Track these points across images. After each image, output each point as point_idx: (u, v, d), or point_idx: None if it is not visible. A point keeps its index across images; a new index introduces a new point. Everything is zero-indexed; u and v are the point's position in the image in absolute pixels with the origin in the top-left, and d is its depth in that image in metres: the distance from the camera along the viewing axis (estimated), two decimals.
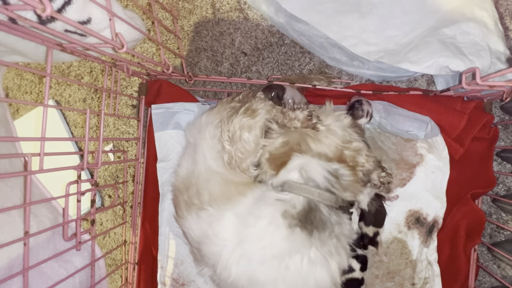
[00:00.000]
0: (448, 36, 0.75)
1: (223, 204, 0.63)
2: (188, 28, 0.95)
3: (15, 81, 1.05)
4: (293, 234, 0.58)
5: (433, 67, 0.73)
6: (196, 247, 0.68)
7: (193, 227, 0.66)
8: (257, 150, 0.65)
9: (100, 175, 1.00)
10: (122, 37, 0.56)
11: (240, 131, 0.64)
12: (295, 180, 0.62)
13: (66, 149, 0.97)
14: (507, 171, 0.83)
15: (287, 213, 0.60)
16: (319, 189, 0.61)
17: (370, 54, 0.80)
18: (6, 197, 0.71)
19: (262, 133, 0.66)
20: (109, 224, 1.00)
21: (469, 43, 0.73)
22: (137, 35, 0.75)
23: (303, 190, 0.61)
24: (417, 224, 0.81)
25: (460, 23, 0.75)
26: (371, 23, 0.81)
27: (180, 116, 0.85)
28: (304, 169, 0.62)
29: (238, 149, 0.64)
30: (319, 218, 0.60)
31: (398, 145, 0.82)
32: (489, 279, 0.84)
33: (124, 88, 0.99)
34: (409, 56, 0.76)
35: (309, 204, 0.61)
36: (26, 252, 0.60)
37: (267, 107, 0.67)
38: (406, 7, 0.81)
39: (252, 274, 0.59)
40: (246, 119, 0.64)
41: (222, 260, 0.59)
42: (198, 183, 0.66)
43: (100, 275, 0.82)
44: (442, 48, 0.73)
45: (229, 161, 0.65)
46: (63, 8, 0.57)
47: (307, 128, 0.64)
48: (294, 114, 0.65)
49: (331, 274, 0.59)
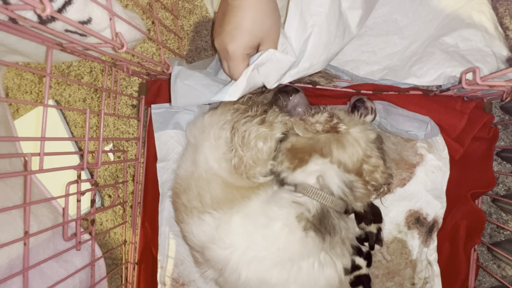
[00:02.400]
0: (450, 44, 0.75)
1: (228, 208, 0.62)
2: (188, 28, 0.95)
3: (15, 81, 1.05)
4: (307, 237, 0.59)
5: (441, 78, 0.73)
6: (198, 251, 0.67)
7: (194, 231, 0.65)
8: (269, 160, 0.65)
9: (100, 175, 1.00)
10: (122, 36, 0.56)
11: (255, 140, 0.63)
12: (311, 185, 0.62)
13: (66, 149, 0.97)
14: (507, 171, 0.83)
15: (302, 216, 0.60)
16: (333, 196, 0.62)
17: (374, 74, 0.80)
18: (6, 197, 0.71)
19: (276, 146, 0.65)
20: (109, 224, 1.00)
21: (473, 50, 0.73)
22: (138, 35, 0.75)
23: (319, 196, 0.61)
24: (417, 224, 0.81)
25: (460, 30, 0.74)
26: (369, 44, 0.82)
27: (180, 116, 0.85)
28: (322, 176, 0.63)
29: (251, 156, 0.63)
30: (331, 223, 0.61)
31: (398, 145, 0.82)
32: (489, 279, 0.84)
33: (124, 88, 0.99)
34: (414, 70, 0.76)
35: (322, 209, 0.61)
36: (26, 252, 0.60)
37: (284, 120, 0.67)
38: (401, 23, 0.81)
39: (264, 276, 0.58)
40: (263, 129, 0.64)
41: (231, 264, 0.59)
42: (198, 185, 0.66)
43: (100, 275, 0.82)
44: (447, 58, 0.73)
45: (238, 165, 0.64)
46: (63, 8, 0.57)
47: (329, 129, 0.63)
48: (314, 118, 0.64)
49: (338, 273, 0.60)
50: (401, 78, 0.77)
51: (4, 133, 0.80)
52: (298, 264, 0.58)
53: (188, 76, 0.68)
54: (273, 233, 0.59)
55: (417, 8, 0.81)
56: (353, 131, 0.65)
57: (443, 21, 0.79)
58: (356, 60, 0.82)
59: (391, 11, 0.82)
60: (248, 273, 0.58)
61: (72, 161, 0.95)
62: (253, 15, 0.52)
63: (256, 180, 0.65)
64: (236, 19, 0.53)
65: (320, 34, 0.61)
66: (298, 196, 0.62)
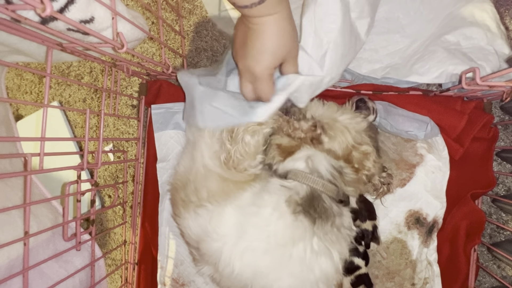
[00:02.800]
0: (452, 43, 0.75)
1: (223, 199, 0.63)
2: (188, 28, 0.95)
3: (15, 81, 1.05)
4: (297, 220, 0.59)
5: (442, 76, 0.73)
6: (194, 247, 0.68)
7: (191, 225, 0.65)
8: (256, 154, 0.65)
9: (100, 175, 1.00)
10: (123, 36, 0.56)
11: (243, 133, 0.64)
12: (301, 169, 0.63)
13: (68, 149, 0.97)
14: (507, 171, 0.83)
15: (291, 199, 0.60)
16: (323, 180, 0.62)
17: (376, 72, 0.80)
18: (6, 197, 0.71)
19: (264, 141, 0.66)
20: (109, 224, 1.00)
21: (475, 48, 0.73)
22: (140, 35, 0.75)
23: (308, 179, 0.62)
24: (417, 224, 0.81)
25: (462, 28, 0.74)
26: (371, 42, 0.82)
27: (180, 116, 0.85)
28: (311, 159, 0.63)
29: (238, 150, 0.64)
30: (321, 206, 0.61)
31: (398, 145, 0.82)
32: (489, 279, 0.84)
33: (124, 88, 0.99)
34: (415, 68, 0.76)
35: (312, 192, 0.62)
36: (26, 252, 0.60)
37: (274, 116, 0.67)
38: (403, 21, 0.81)
39: (256, 265, 0.59)
40: (251, 124, 0.65)
41: (224, 256, 0.59)
42: (196, 180, 0.66)
43: (100, 275, 0.82)
44: (449, 56, 0.73)
45: (226, 160, 0.65)
46: (66, 7, 0.57)
47: (311, 139, 0.64)
48: (298, 124, 0.65)
49: (334, 263, 0.60)
50: (403, 76, 0.77)
51: (5, 133, 0.80)
52: (289, 250, 0.58)
53: (213, 97, 0.67)
54: (263, 221, 0.60)
55: (419, 6, 0.81)
56: (342, 118, 0.66)
57: (445, 19, 0.78)
58: (358, 58, 0.81)
59: (392, 9, 0.82)
60: (241, 264, 0.59)
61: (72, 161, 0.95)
62: (275, 37, 0.53)
63: (247, 172, 0.65)
64: (259, 43, 0.54)
65: (336, 49, 0.62)
66: (288, 181, 0.63)
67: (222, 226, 0.61)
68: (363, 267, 0.75)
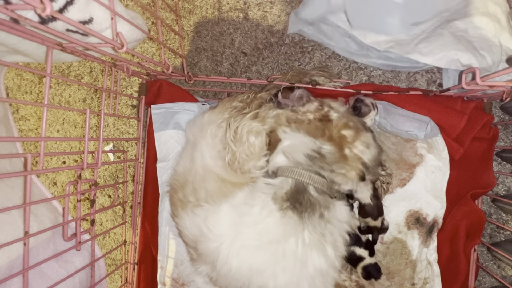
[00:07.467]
0: (460, 29, 0.74)
1: (219, 199, 0.63)
2: (188, 28, 0.95)
3: (15, 81, 1.05)
4: (285, 217, 0.59)
5: (443, 59, 0.72)
6: (192, 246, 0.68)
7: (188, 225, 0.66)
8: (261, 154, 0.66)
9: (100, 175, 1.00)
10: (123, 36, 0.56)
11: (247, 134, 0.64)
12: (285, 164, 0.63)
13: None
14: (507, 171, 0.83)
15: (277, 196, 0.60)
16: (309, 171, 0.61)
17: (380, 44, 0.78)
18: (6, 197, 0.71)
19: (267, 140, 0.66)
20: (109, 224, 1.00)
21: (481, 38, 0.73)
22: (139, 35, 0.75)
23: (294, 173, 0.61)
24: (417, 224, 0.81)
25: (473, 16, 0.74)
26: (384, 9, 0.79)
27: (180, 116, 0.85)
28: (288, 151, 0.63)
29: (243, 151, 0.64)
30: (307, 199, 0.60)
31: (398, 145, 0.82)
32: (489, 279, 0.84)
33: (124, 88, 0.99)
34: (420, 47, 0.75)
35: (297, 185, 0.61)
36: (26, 252, 0.60)
37: (277, 114, 0.67)
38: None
39: (252, 264, 0.59)
40: (255, 124, 0.65)
41: (221, 255, 0.60)
42: (195, 181, 0.66)
43: (100, 275, 0.82)
44: (454, 41, 0.73)
45: (231, 161, 0.65)
46: (65, 7, 0.57)
47: (321, 118, 0.64)
48: (305, 108, 0.65)
49: (329, 258, 0.59)
50: (405, 53, 0.76)
51: (4, 133, 0.81)
52: (281, 246, 0.58)
53: None
54: (253, 219, 0.60)
55: None
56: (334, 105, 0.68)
57: (459, 4, 0.78)
58: (364, 26, 0.79)
59: None
60: (238, 263, 0.59)
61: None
62: None
63: (251, 174, 0.65)
64: None
65: None
66: (276, 178, 0.63)
67: (218, 226, 0.61)
68: (367, 257, 0.73)
